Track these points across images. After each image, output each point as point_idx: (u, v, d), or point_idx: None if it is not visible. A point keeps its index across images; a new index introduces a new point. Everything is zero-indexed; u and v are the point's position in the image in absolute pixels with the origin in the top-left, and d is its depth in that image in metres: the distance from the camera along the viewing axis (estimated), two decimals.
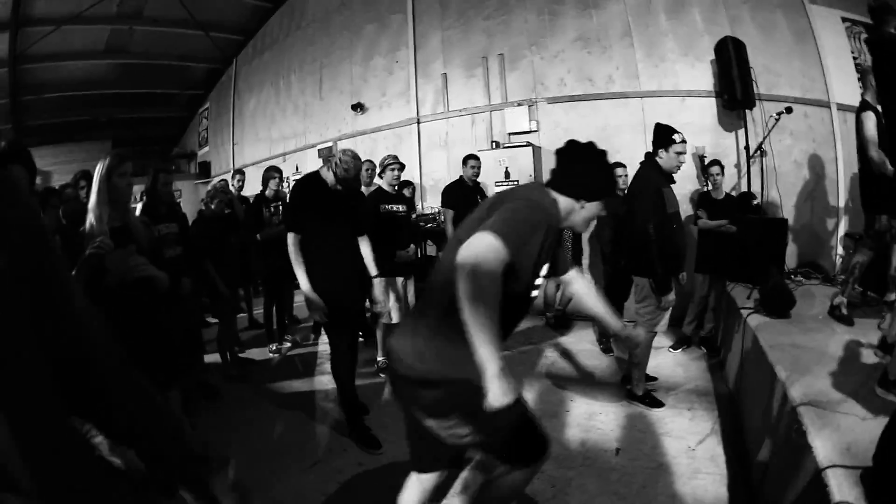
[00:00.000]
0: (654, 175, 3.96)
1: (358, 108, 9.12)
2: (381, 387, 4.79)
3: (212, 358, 5.37)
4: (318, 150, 9.94)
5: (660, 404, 4.26)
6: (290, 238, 3.57)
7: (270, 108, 11.68)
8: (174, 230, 4.16)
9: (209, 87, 14.22)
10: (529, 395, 4.54)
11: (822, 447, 2.53)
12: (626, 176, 5.37)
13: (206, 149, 14.34)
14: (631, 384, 4.35)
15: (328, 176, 3.69)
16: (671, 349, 5.55)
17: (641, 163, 4.13)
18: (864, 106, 4.17)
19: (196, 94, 14.54)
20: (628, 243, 4.32)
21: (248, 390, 4.99)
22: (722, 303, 5.57)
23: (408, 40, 8.45)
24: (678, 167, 4.00)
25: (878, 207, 4.23)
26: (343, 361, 3.84)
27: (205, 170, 14.00)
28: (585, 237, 6.07)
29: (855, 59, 6.81)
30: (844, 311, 4.36)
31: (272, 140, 11.61)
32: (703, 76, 6.61)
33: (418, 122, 8.25)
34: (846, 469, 2.38)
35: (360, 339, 5.04)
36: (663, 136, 3.93)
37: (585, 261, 6.16)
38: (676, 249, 4.07)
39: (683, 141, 3.93)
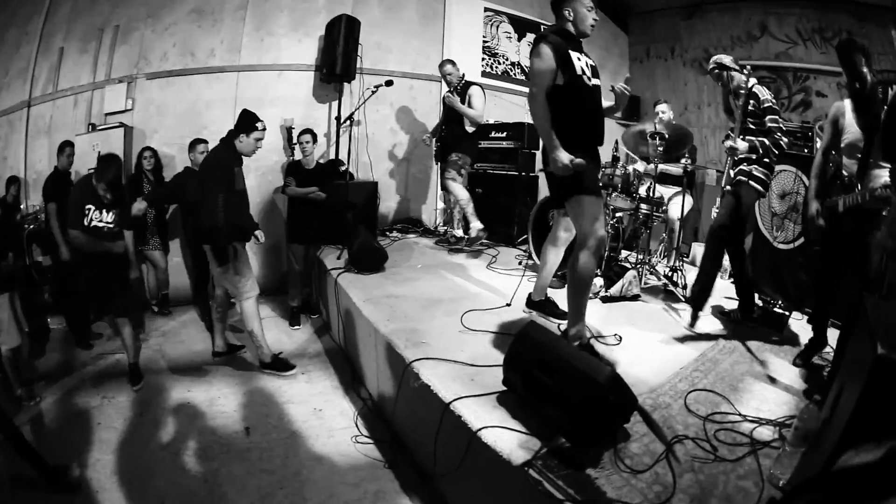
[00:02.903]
0: (229, 154, 4.21)
1: None
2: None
3: None
4: None
5: (291, 366, 4.40)
6: None
7: None
8: None
9: None
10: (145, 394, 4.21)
11: (442, 385, 2.64)
12: (205, 152, 5.47)
13: None
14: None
15: None
16: (292, 327, 5.57)
17: (221, 140, 4.28)
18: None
19: None
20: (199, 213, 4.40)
21: None
22: (314, 267, 5.78)
23: (42, 8, 7.00)
24: (254, 152, 4.32)
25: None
26: None
27: None
28: None
29: (485, 42, 7.77)
30: (482, 234, 5.56)
31: None
32: (307, 51, 6.76)
33: (29, 106, 6.90)
34: (476, 397, 2.49)
35: None
36: (246, 122, 4.21)
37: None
38: (241, 222, 4.31)
39: (264, 129, 4.29)
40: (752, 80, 3.67)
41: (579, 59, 3.07)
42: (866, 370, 1.46)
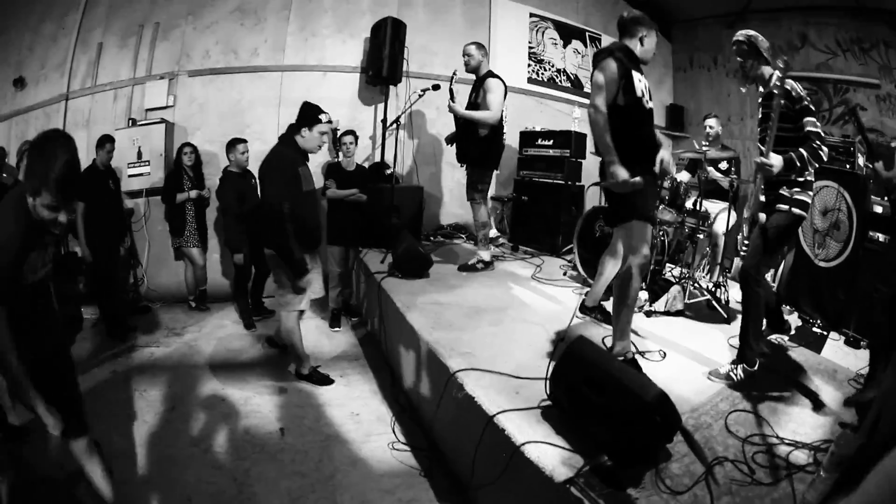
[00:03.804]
0: (291, 153, 3.94)
1: (19, 83, 7.68)
2: None
3: None
4: None
5: (329, 381, 4.25)
6: None
7: None
8: None
9: None
10: (177, 388, 4.19)
11: (486, 397, 2.62)
12: (246, 152, 5.49)
13: None
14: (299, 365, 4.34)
15: None
16: (331, 328, 5.52)
17: (280, 139, 4.08)
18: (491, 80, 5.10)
19: None
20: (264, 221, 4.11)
21: None
22: (357, 269, 5.74)
23: (80, 3, 7.12)
24: (319, 147, 4.06)
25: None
26: None
27: None
28: None
29: (531, 48, 7.73)
30: (480, 266, 5.22)
31: None
32: (352, 53, 6.80)
33: (67, 99, 7.03)
34: (521, 411, 2.50)
35: None
36: (309, 115, 3.92)
37: None
38: (313, 227, 4.12)
39: (329, 122, 4.01)
40: (778, 75, 3.09)
41: (640, 80, 3.09)
42: None
